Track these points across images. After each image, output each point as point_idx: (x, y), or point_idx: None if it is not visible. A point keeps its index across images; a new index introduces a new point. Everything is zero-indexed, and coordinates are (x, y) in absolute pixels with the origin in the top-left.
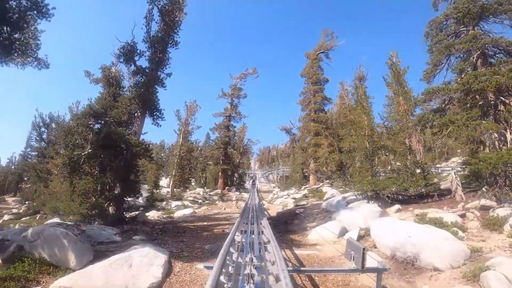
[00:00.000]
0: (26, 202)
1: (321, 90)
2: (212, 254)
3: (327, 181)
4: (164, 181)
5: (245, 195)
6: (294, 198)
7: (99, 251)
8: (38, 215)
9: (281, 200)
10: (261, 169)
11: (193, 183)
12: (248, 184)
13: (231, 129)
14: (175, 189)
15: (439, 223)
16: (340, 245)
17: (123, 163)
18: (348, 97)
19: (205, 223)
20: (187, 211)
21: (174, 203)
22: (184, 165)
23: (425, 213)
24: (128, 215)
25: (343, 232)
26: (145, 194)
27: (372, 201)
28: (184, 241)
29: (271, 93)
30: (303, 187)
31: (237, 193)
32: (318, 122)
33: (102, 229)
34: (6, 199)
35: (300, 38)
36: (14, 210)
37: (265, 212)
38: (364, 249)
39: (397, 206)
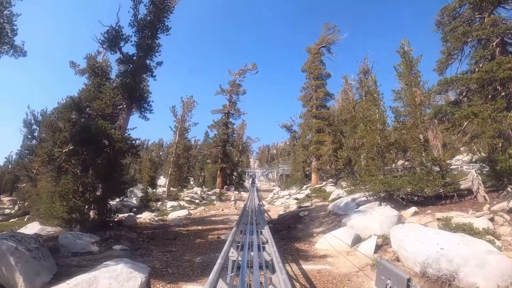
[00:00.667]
0: (19, 203)
1: (323, 86)
2: (203, 271)
3: (331, 180)
4: (162, 180)
5: (244, 195)
6: (296, 199)
7: (68, 265)
8: (27, 216)
9: (282, 201)
10: (260, 168)
11: (192, 182)
12: (247, 183)
13: (229, 126)
14: (172, 189)
15: (468, 230)
16: (355, 256)
17: (105, 161)
18: (352, 92)
19: (200, 227)
20: (182, 213)
21: (169, 204)
22: (183, 163)
23: (449, 217)
24: (116, 217)
25: (357, 240)
26: (140, 194)
27: (385, 203)
28: (172, 251)
29: (271, 90)
30: (304, 187)
31: (236, 192)
32: (320, 118)
33: (78, 237)
34: (2, 198)
35: (300, 32)
36: (7, 211)
37: (266, 214)
38: (410, 280)
39: (413, 209)
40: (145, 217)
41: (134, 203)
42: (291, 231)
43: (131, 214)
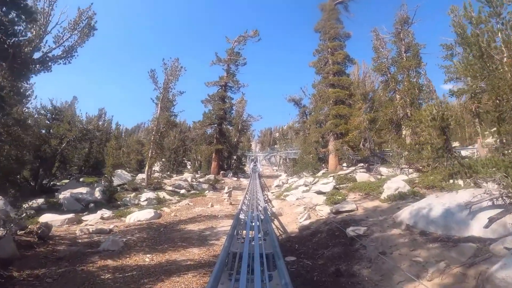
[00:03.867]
0: None
1: (342, 47)
2: None
3: (361, 164)
4: (157, 165)
5: (244, 182)
6: (320, 192)
7: None
8: None
9: (297, 194)
10: (262, 151)
11: (189, 167)
12: (248, 168)
13: (227, 101)
14: (156, 175)
15: None
16: None
17: None
18: (387, 48)
19: (148, 259)
20: (145, 215)
21: (146, 195)
22: (179, 146)
23: None
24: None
25: None
26: (118, 181)
27: None
28: None
29: (274, 69)
30: (320, 172)
31: (235, 179)
32: (339, 86)
33: None
34: None
35: None
36: None
37: (276, 222)
38: None
39: None
40: (91, 219)
41: (93, 197)
42: None
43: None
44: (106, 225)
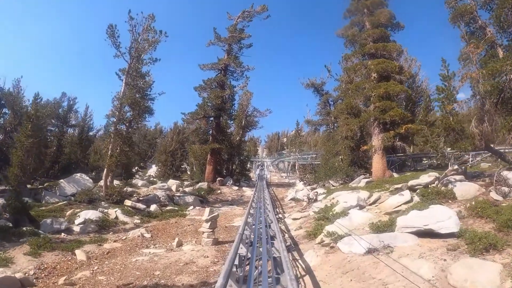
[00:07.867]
0: None
1: (383, 5)
2: None
3: (454, 167)
4: (153, 169)
5: (248, 193)
6: (432, 234)
7: None
8: None
9: (365, 238)
10: (269, 157)
11: (189, 171)
12: (254, 175)
13: (227, 88)
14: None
15: None
16: None
17: None
18: None
19: None
20: None
21: (85, 215)
22: (176, 149)
23: None
24: None
25: None
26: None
27: None
28: None
29: (282, 64)
30: (362, 181)
31: (235, 187)
32: (383, 56)
33: None
34: None
35: None
36: None
37: None
38: None
39: None
40: None
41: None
42: None
43: None
44: None
